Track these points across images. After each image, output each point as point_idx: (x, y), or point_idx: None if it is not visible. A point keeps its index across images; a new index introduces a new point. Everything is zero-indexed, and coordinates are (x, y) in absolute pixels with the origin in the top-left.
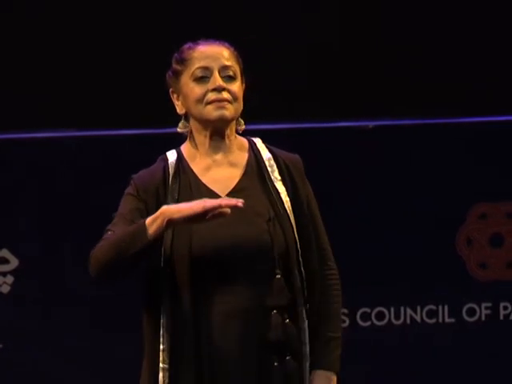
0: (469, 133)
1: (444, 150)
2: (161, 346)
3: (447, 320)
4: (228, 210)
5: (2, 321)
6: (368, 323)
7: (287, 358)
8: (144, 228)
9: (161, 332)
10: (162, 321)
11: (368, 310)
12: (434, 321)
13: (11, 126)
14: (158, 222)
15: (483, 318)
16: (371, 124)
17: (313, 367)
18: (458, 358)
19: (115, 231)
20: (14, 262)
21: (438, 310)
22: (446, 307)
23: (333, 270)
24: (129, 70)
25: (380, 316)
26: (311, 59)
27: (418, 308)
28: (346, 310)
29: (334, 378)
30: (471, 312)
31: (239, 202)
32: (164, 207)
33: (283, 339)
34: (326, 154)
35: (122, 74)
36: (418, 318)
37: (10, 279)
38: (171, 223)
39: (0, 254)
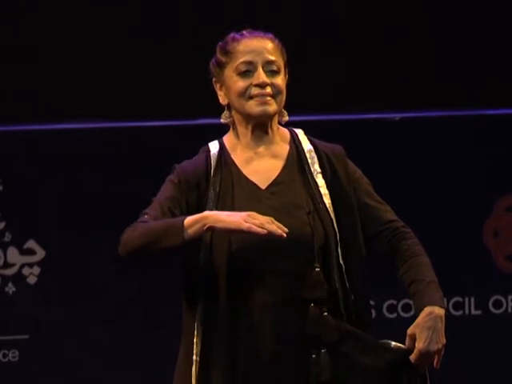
0: (496, 124)
1: (471, 141)
2: (195, 339)
3: (473, 312)
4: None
5: (28, 311)
6: (394, 315)
7: (323, 351)
8: (181, 227)
9: (196, 324)
10: (197, 314)
11: (394, 302)
12: (460, 313)
13: (36, 118)
14: (198, 226)
15: (510, 309)
16: (398, 116)
17: (420, 306)
18: (484, 349)
19: (152, 216)
20: (41, 253)
21: (464, 302)
22: (472, 299)
23: (406, 229)
24: (155, 59)
25: (406, 308)
26: (336, 51)
27: (445, 300)
28: (372, 302)
29: (443, 313)
30: (498, 304)
31: (284, 233)
32: (207, 213)
33: (320, 332)
34: (353, 145)
35: (152, 66)
36: None
37: (36, 270)
38: (211, 230)
39: (26, 245)
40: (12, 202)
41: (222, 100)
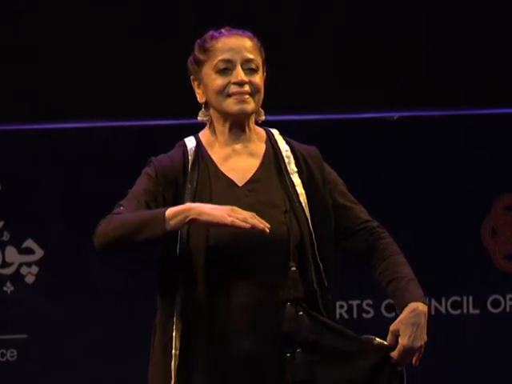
0: (494, 124)
1: (470, 141)
2: (173, 333)
3: (472, 311)
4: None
5: (26, 311)
6: (393, 314)
7: (298, 350)
8: (163, 218)
9: (174, 320)
10: (175, 309)
11: (393, 301)
12: (458, 312)
13: (36, 118)
14: (180, 217)
15: (508, 309)
16: (396, 115)
17: (403, 302)
18: (482, 349)
19: (127, 208)
20: (39, 253)
21: (462, 302)
22: (470, 298)
23: (381, 229)
24: (156, 58)
25: None
26: (335, 50)
27: (443, 299)
28: (370, 301)
29: (426, 310)
30: (496, 303)
31: (266, 228)
32: (189, 205)
33: (295, 331)
34: (351, 145)
35: (151, 63)
36: (442, 309)
37: (34, 269)
38: (194, 222)
39: (25, 245)
40: (11, 201)
41: (200, 98)
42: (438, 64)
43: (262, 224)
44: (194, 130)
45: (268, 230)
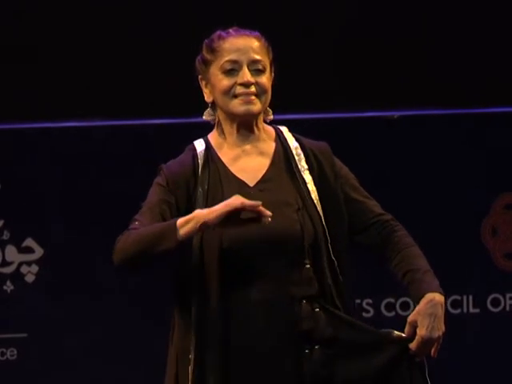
0: (494, 123)
1: (470, 139)
2: (191, 338)
3: (472, 310)
4: (268, 219)
5: (26, 310)
6: (392, 313)
7: (316, 347)
8: (174, 228)
9: (191, 325)
10: (192, 313)
11: (393, 300)
12: (458, 311)
13: (37, 116)
14: (191, 225)
15: (508, 308)
16: (396, 114)
17: (419, 293)
18: (482, 348)
19: (142, 222)
20: (39, 252)
21: (462, 300)
22: (470, 297)
23: (395, 222)
24: (156, 58)
25: (405, 306)
26: (335, 50)
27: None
28: (370, 300)
29: (443, 300)
30: (496, 302)
31: (268, 218)
32: (197, 211)
33: (313, 328)
34: (351, 144)
35: (150, 63)
36: None
37: (34, 268)
38: (205, 226)
39: (25, 244)
40: (11, 200)
41: (207, 98)
42: (438, 64)
43: (267, 212)
44: (193, 129)
45: (269, 220)
